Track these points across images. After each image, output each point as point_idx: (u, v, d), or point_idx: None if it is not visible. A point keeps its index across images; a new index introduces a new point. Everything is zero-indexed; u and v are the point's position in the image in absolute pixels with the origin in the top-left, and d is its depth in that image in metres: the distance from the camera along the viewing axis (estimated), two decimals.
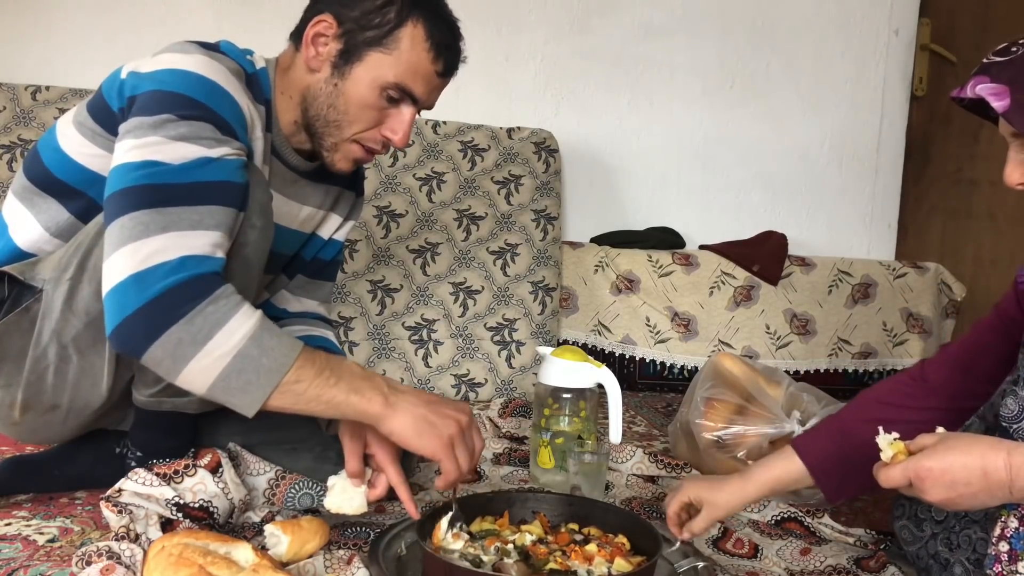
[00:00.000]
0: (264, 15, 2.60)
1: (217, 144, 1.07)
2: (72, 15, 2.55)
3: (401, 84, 1.21)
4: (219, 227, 1.04)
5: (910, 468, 0.93)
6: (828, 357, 2.61)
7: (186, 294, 0.97)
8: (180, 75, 1.10)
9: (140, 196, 1.01)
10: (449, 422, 1.08)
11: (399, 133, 1.24)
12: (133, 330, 0.97)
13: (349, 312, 2.25)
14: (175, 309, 0.96)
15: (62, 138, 1.21)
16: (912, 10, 3.01)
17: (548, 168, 2.56)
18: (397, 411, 1.05)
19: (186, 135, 1.05)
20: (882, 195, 3.05)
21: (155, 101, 1.08)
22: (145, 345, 0.97)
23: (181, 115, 1.06)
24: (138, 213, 1.00)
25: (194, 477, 1.20)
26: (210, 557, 0.97)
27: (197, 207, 1.02)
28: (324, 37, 1.22)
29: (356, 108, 1.22)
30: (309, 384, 1.01)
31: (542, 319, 2.36)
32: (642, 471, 1.62)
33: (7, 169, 2.22)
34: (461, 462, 1.08)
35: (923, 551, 1.18)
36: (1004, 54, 1.02)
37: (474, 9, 2.80)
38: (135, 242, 0.98)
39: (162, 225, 0.99)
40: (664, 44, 2.86)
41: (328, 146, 1.26)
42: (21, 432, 1.27)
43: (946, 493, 0.91)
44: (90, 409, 1.22)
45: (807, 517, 1.40)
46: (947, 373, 1.22)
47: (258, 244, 1.15)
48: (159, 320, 0.96)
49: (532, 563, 1.05)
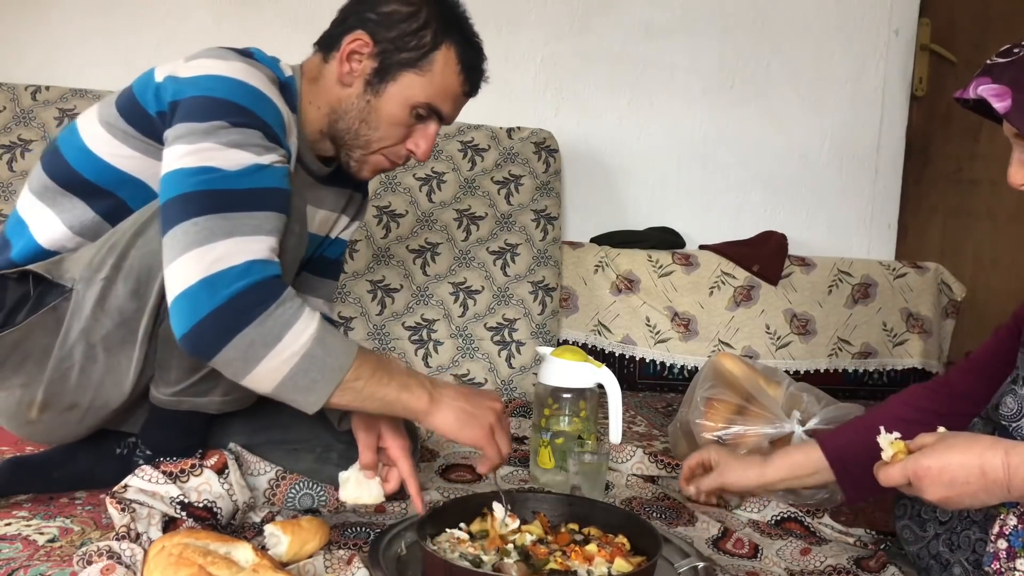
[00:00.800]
0: (264, 15, 2.60)
1: (266, 151, 1.10)
2: (72, 15, 2.55)
3: (432, 104, 1.26)
4: (274, 232, 1.07)
5: (909, 467, 0.94)
6: (828, 357, 2.61)
7: (256, 297, 1.01)
8: (225, 81, 1.12)
9: (201, 202, 1.04)
10: (487, 412, 1.16)
11: (423, 147, 1.29)
12: (206, 333, 1.00)
13: (349, 312, 2.25)
14: (247, 312, 1.00)
15: (89, 138, 1.21)
16: (912, 10, 3.01)
17: (548, 168, 2.56)
18: (440, 406, 1.12)
19: (239, 142, 1.08)
20: (882, 195, 3.05)
21: (204, 107, 1.10)
22: (218, 347, 1.00)
23: (233, 122, 1.08)
24: (200, 219, 1.02)
25: (200, 477, 1.20)
26: (210, 557, 0.97)
27: (255, 213, 1.05)
28: (359, 55, 1.25)
29: (387, 125, 1.26)
30: (366, 382, 1.07)
31: (542, 319, 2.36)
32: (642, 471, 1.63)
33: (7, 169, 2.22)
34: (501, 446, 1.17)
35: (924, 551, 1.18)
36: (1006, 55, 1.03)
37: (474, 9, 2.77)
38: (201, 247, 1.01)
39: (227, 230, 1.02)
40: (664, 44, 2.86)
41: (357, 157, 1.30)
42: (34, 431, 1.28)
43: (944, 492, 0.92)
44: (108, 409, 1.23)
45: (807, 517, 1.40)
46: (972, 380, 1.23)
47: (296, 250, 1.18)
48: (232, 323, 0.99)
49: (532, 563, 1.05)
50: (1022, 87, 1.00)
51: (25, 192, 1.26)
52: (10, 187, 2.20)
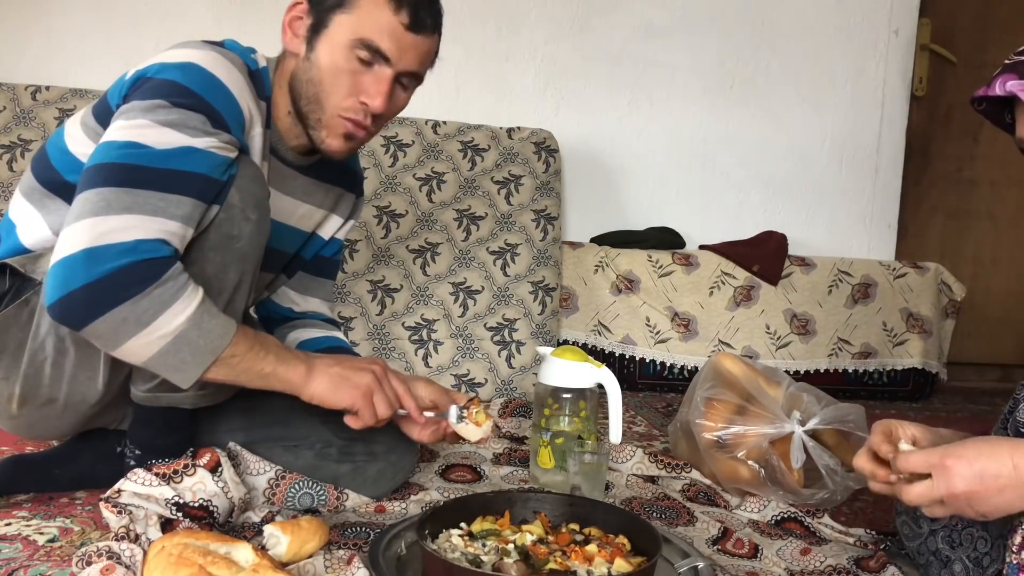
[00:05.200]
0: (264, 15, 2.60)
1: (204, 135, 1.08)
2: (72, 15, 2.56)
3: (365, 40, 1.20)
4: (183, 219, 1.05)
5: (934, 455, 0.89)
6: (828, 357, 2.60)
7: (135, 276, 0.99)
8: (181, 66, 1.12)
9: (113, 173, 1.03)
10: (363, 374, 1.17)
11: (376, 96, 1.22)
12: (77, 304, 0.99)
13: (349, 312, 2.25)
14: (124, 290, 0.99)
15: (69, 139, 1.21)
16: (912, 10, 3.01)
17: (548, 168, 2.56)
18: (314, 374, 1.15)
19: (174, 122, 1.07)
20: (882, 195, 3.05)
21: (152, 88, 1.10)
22: (87, 320, 1.00)
23: (174, 102, 1.08)
24: (105, 189, 1.02)
25: (193, 476, 1.19)
26: (210, 557, 0.97)
27: (166, 194, 1.04)
28: (299, 19, 1.24)
29: (329, 75, 1.21)
30: (242, 358, 1.09)
31: (542, 319, 2.36)
32: (642, 471, 1.62)
33: (7, 169, 2.22)
34: (379, 408, 1.18)
35: (923, 547, 1.18)
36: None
37: (474, 8, 2.81)
38: (95, 217, 1.00)
39: (125, 205, 1.01)
40: (664, 44, 2.86)
41: (314, 123, 1.25)
42: (19, 426, 1.28)
43: (970, 484, 0.87)
44: (87, 404, 1.23)
45: (807, 517, 1.40)
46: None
47: (253, 238, 1.15)
48: (106, 298, 0.99)
49: (532, 563, 1.05)
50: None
51: (16, 194, 1.26)
52: (10, 187, 2.20)
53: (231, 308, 1.16)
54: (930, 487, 0.91)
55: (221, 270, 1.13)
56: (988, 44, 3.07)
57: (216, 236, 1.11)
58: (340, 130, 1.25)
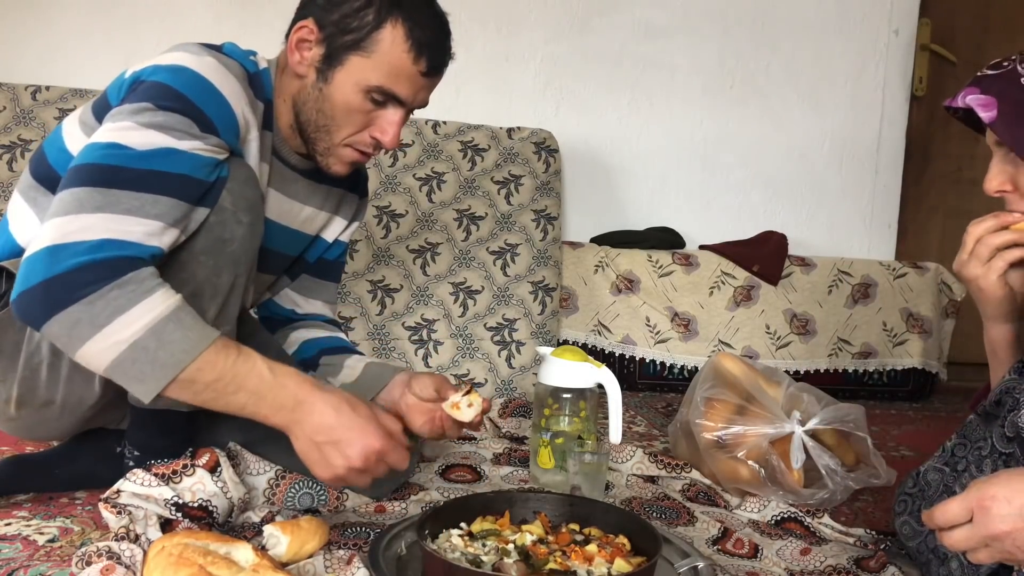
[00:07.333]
0: (264, 16, 2.60)
1: (189, 138, 1.07)
2: (72, 15, 2.56)
3: (383, 87, 1.20)
4: (160, 217, 1.03)
5: (971, 496, 0.83)
6: (828, 357, 2.61)
7: (92, 275, 0.95)
8: (172, 70, 1.11)
9: (90, 174, 1.02)
10: (354, 447, 1.03)
11: (388, 135, 1.23)
12: (34, 301, 0.96)
13: (349, 312, 2.25)
14: (79, 289, 0.95)
15: (67, 137, 1.21)
16: (912, 10, 3.01)
17: (548, 168, 2.56)
18: (296, 437, 1.04)
19: (159, 124, 1.06)
20: (882, 195, 3.06)
21: (142, 91, 1.09)
22: (43, 319, 0.96)
23: (160, 105, 1.07)
24: (79, 189, 1.00)
25: (193, 477, 1.19)
26: (210, 557, 0.97)
27: (142, 194, 1.02)
28: (307, 42, 1.22)
29: (342, 113, 1.22)
30: (204, 387, 1.00)
31: (542, 319, 2.36)
32: (642, 471, 1.62)
33: (7, 169, 2.22)
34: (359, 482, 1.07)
35: (923, 546, 1.18)
36: (996, 68, 1.08)
37: (474, 9, 2.81)
38: (67, 216, 0.98)
39: (97, 205, 0.99)
40: (664, 44, 2.87)
41: (321, 151, 1.26)
42: (18, 427, 1.27)
43: (1014, 523, 0.81)
44: (85, 405, 1.22)
45: (807, 517, 1.40)
46: None
47: (246, 240, 1.15)
48: (61, 296, 0.95)
49: (532, 563, 1.05)
50: (1007, 98, 1.04)
51: (14, 193, 1.26)
52: (10, 187, 2.20)
53: (224, 312, 1.16)
54: (971, 531, 0.85)
55: (214, 274, 1.12)
56: (988, 44, 3.07)
57: (208, 239, 1.10)
58: (348, 159, 1.27)
